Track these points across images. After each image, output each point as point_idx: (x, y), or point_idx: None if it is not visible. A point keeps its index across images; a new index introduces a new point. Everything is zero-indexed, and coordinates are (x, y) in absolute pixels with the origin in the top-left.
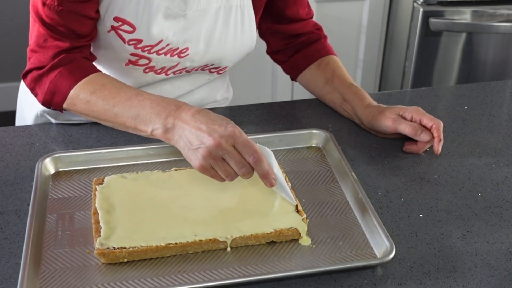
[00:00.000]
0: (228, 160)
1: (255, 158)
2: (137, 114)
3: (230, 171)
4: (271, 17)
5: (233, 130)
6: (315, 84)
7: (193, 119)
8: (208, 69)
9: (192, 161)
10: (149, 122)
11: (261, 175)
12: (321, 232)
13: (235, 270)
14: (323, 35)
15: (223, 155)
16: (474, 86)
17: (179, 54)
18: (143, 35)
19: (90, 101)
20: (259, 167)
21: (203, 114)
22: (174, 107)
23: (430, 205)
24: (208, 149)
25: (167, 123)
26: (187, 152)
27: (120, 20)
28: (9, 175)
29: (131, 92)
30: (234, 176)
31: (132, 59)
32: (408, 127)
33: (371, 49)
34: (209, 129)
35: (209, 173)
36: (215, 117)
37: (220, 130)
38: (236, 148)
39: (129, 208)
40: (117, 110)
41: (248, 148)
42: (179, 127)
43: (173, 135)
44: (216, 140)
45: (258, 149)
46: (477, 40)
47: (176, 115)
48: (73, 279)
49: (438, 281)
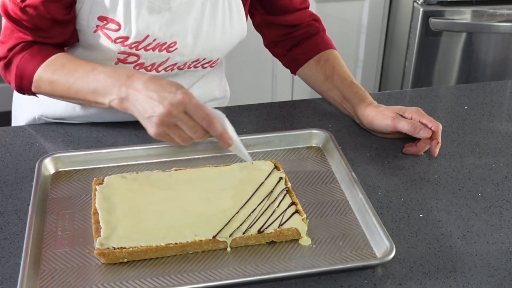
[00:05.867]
0: (181, 125)
1: (208, 121)
2: (95, 88)
3: (184, 136)
4: (263, 8)
5: (182, 96)
6: (314, 80)
7: (145, 87)
8: (201, 65)
9: (148, 129)
10: (105, 94)
11: (216, 136)
12: (321, 232)
13: (235, 270)
14: (321, 28)
15: (176, 122)
16: (474, 86)
17: (167, 49)
18: (129, 32)
19: (52, 82)
20: (212, 129)
21: (154, 81)
22: (126, 76)
23: (430, 205)
24: (160, 117)
25: (121, 93)
26: (142, 120)
27: (105, 19)
28: (9, 175)
29: (88, 68)
30: (189, 140)
31: (121, 57)
32: (407, 125)
33: (371, 49)
34: (160, 97)
35: (165, 139)
36: (166, 84)
37: (170, 97)
38: (188, 113)
39: (129, 208)
40: (77, 87)
41: (200, 112)
42: (132, 96)
43: (128, 104)
44: (166, 107)
45: (210, 112)
46: (477, 40)
47: (129, 85)
48: (73, 279)
49: (438, 281)
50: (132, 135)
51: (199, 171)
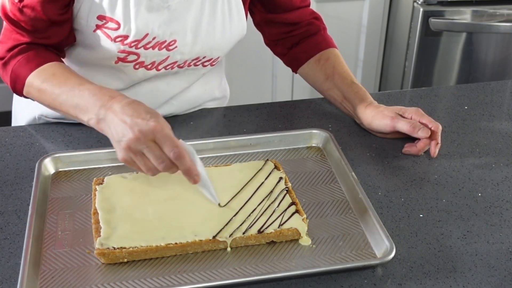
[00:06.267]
0: (148, 154)
1: (175, 154)
2: (77, 104)
3: (150, 166)
4: (263, 6)
5: (154, 125)
6: (315, 79)
7: (121, 111)
8: (201, 63)
9: (117, 153)
10: (86, 112)
11: (183, 171)
12: (321, 232)
13: (235, 270)
14: (322, 27)
15: (142, 150)
16: (474, 86)
17: (167, 47)
18: (128, 31)
19: (41, 90)
20: (180, 163)
21: (132, 107)
22: (108, 97)
23: (430, 205)
24: (128, 142)
25: (99, 114)
26: (113, 143)
27: (104, 18)
28: (9, 175)
29: (75, 82)
30: (154, 170)
31: (121, 56)
32: (406, 124)
33: (371, 49)
34: (132, 122)
35: (132, 166)
36: (142, 110)
37: (142, 124)
38: (157, 142)
39: (129, 208)
40: (62, 99)
41: (169, 143)
42: (109, 118)
43: (104, 126)
44: (135, 134)
45: (179, 145)
46: (477, 40)
47: (109, 106)
48: (73, 279)
49: (438, 281)
50: None
51: None
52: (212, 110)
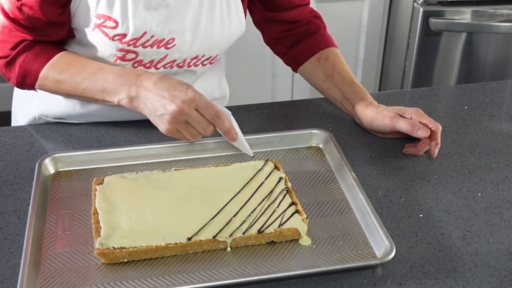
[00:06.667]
0: (192, 122)
1: (217, 118)
2: (103, 87)
3: (194, 132)
4: (263, 4)
5: (193, 95)
6: (315, 78)
7: (155, 86)
8: (200, 63)
9: (159, 126)
10: (115, 93)
11: (224, 132)
12: (321, 232)
13: (235, 270)
14: (322, 26)
15: (187, 119)
16: (474, 86)
17: (165, 46)
18: (126, 29)
19: (59, 81)
20: (221, 125)
21: (164, 81)
22: (135, 76)
23: (430, 205)
24: (172, 114)
25: (131, 93)
26: (153, 118)
27: (102, 17)
28: (9, 175)
29: (95, 67)
30: (198, 136)
31: (119, 55)
32: (405, 124)
33: (371, 49)
34: (171, 96)
35: (176, 135)
36: (176, 83)
37: (182, 96)
38: (198, 110)
39: (129, 208)
40: (85, 85)
41: (210, 109)
42: (143, 95)
43: (139, 103)
44: (178, 105)
45: (219, 109)
46: (477, 40)
47: (139, 84)
48: (73, 279)
49: (438, 281)
50: (132, 135)
51: (199, 171)
52: None
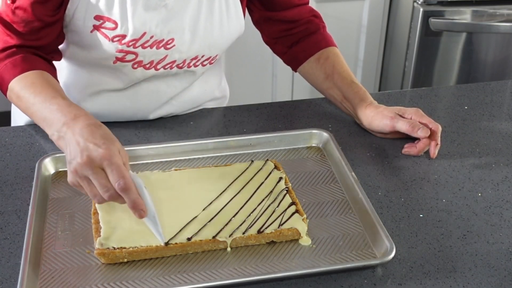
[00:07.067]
0: (93, 181)
1: (121, 185)
2: (45, 117)
3: (95, 193)
4: (261, 4)
5: (103, 152)
6: (315, 78)
7: (80, 132)
8: (200, 63)
9: (67, 175)
10: (50, 126)
11: (129, 204)
12: (321, 232)
13: (235, 270)
14: (321, 25)
15: (89, 175)
16: (474, 86)
17: (165, 46)
18: (125, 30)
19: (19, 96)
20: (126, 196)
21: (90, 130)
22: (73, 115)
23: (430, 205)
24: (75, 166)
25: (61, 131)
26: (66, 163)
27: (101, 18)
28: (9, 175)
29: (49, 95)
30: (100, 198)
31: (119, 56)
32: (405, 124)
33: (371, 49)
34: (83, 146)
35: (80, 189)
36: (98, 134)
37: (92, 149)
38: (105, 170)
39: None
40: (34, 109)
41: (116, 174)
42: (68, 137)
43: (63, 144)
44: (83, 158)
45: (126, 175)
46: (477, 40)
47: (71, 125)
48: (73, 279)
49: (438, 281)
50: (132, 135)
51: (199, 171)
52: (212, 110)
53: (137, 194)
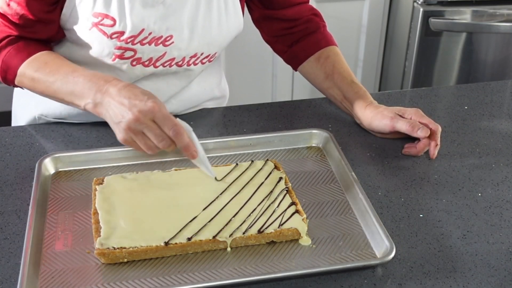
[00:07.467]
0: (148, 133)
1: (175, 131)
2: (72, 90)
3: (150, 144)
4: (261, 2)
5: (152, 105)
6: (315, 77)
7: (118, 94)
8: (200, 61)
9: (117, 134)
10: (82, 97)
11: (182, 148)
12: (321, 232)
13: (235, 270)
14: (322, 24)
15: (143, 129)
16: (474, 86)
17: (163, 43)
18: (124, 27)
19: (34, 79)
20: (179, 140)
21: (128, 89)
22: (103, 82)
23: (430, 205)
24: (128, 123)
25: (96, 98)
26: (112, 125)
27: (100, 15)
28: (9, 175)
29: (69, 69)
30: (154, 149)
31: (118, 53)
32: (405, 124)
33: (371, 49)
34: (130, 104)
35: (132, 145)
36: (139, 92)
37: (140, 105)
38: (156, 121)
39: (129, 208)
40: (56, 87)
41: (168, 122)
42: (106, 101)
43: (102, 109)
44: (135, 114)
45: (177, 123)
46: (477, 40)
47: (105, 90)
48: (73, 279)
49: (438, 281)
50: None
51: (199, 171)
52: (212, 110)
53: (189, 138)
